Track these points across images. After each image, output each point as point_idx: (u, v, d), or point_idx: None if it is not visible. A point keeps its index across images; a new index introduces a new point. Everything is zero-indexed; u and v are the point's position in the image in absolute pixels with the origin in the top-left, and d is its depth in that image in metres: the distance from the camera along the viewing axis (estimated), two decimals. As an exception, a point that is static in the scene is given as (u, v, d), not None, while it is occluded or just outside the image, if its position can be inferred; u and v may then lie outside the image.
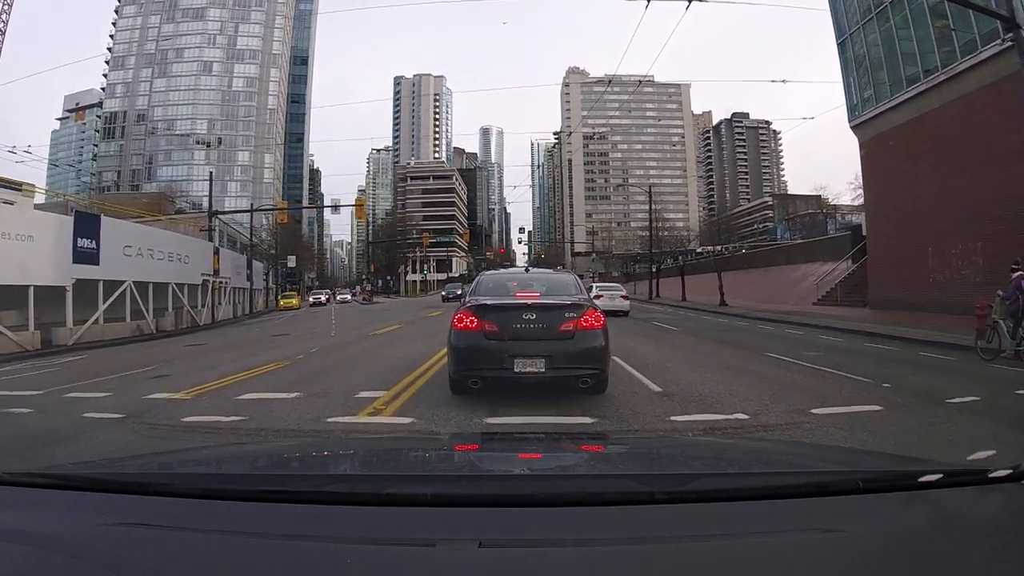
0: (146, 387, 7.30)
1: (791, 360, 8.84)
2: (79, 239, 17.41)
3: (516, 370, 5.19)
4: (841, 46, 21.16)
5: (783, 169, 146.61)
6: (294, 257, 50.84)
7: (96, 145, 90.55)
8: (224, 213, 32.69)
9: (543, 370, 5.18)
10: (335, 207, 44.61)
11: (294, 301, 43.04)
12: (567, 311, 5.47)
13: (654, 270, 38.82)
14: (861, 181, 64.85)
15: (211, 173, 29.43)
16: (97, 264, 17.96)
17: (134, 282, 19.49)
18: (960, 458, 3.41)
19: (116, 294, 18.79)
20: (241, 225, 40.88)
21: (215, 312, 26.48)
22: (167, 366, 9.76)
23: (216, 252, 26.70)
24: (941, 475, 1.21)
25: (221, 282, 27.75)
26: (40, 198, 43.16)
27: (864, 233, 20.22)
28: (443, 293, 41.41)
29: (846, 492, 1.16)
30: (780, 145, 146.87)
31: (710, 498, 1.17)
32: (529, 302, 5.57)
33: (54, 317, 16.76)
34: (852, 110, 20.89)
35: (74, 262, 16.98)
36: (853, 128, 20.79)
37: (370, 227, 74.94)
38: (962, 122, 16.12)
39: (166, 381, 7.82)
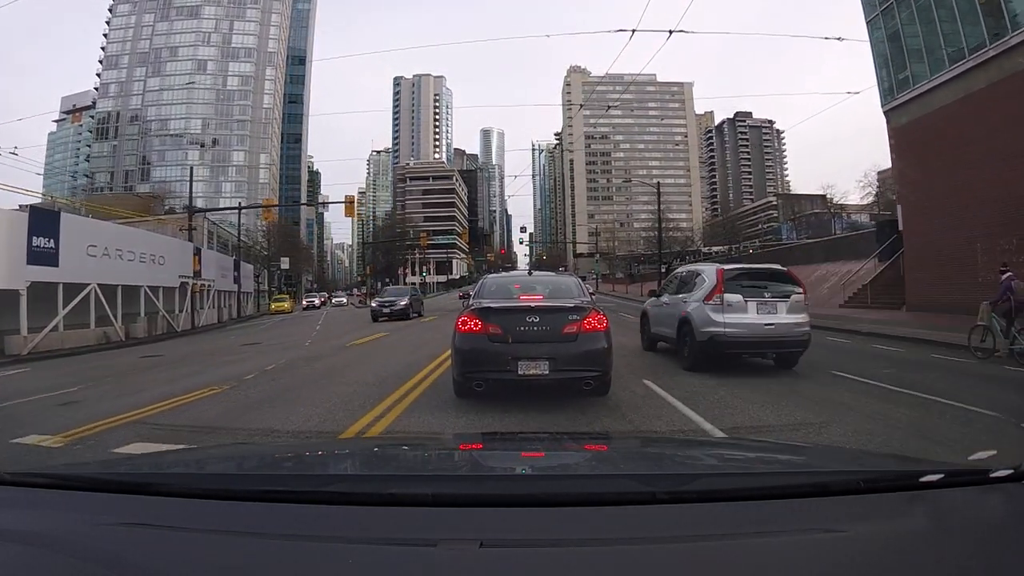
0: (34, 422, 5.62)
1: (869, 382, 6.97)
2: (35, 238, 15.75)
3: (520, 372, 5.18)
4: (871, 24, 19.33)
5: (787, 169, 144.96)
6: (287, 259, 49.05)
7: (89, 146, 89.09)
8: (203, 211, 30.94)
9: (547, 372, 5.18)
10: (324, 204, 42.99)
11: (286, 304, 41.45)
12: (570, 313, 5.46)
13: (663, 271, 36.81)
14: (872, 178, 63.71)
15: (191, 169, 27.75)
16: (56, 265, 16.31)
17: (100, 285, 17.79)
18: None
19: (79, 298, 17.12)
20: (230, 225, 39.19)
21: (195, 317, 24.72)
22: (92, 387, 7.97)
23: (196, 253, 24.99)
24: (942, 475, 1.19)
25: (203, 285, 26.03)
26: (33, 200, 41.81)
27: (900, 228, 18.43)
28: (372, 305, 25.19)
29: (847, 492, 1.15)
30: (783, 144, 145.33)
31: (711, 498, 1.16)
32: (532, 305, 5.57)
33: (10, 324, 15.18)
34: (885, 94, 19.07)
35: (29, 263, 15.34)
36: (886, 113, 18.97)
37: (371, 227, 73.38)
38: (1015, 102, 14.33)
39: (66, 412, 6.09)
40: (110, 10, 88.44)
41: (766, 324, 7.66)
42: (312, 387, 7.06)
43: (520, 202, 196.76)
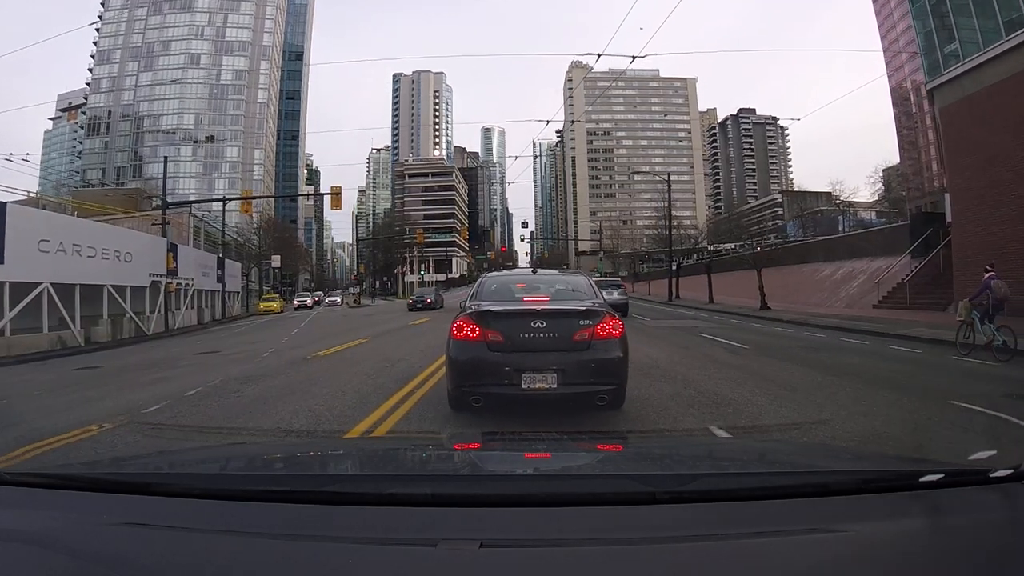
0: None
1: (1005, 416, 5.09)
2: (-26, 232, 14.01)
3: (524, 386, 4.55)
4: (913, -7, 17.39)
5: (791, 166, 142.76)
6: (278, 257, 46.92)
7: (80, 142, 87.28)
8: (177, 204, 29.03)
9: (555, 386, 4.56)
10: (307, 196, 41.11)
11: (275, 304, 39.53)
12: (582, 318, 4.84)
13: (674, 268, 34.72)
14: (879, 173, 61.79)
15: (165, 158, 25.83)
16: (1, 262, 14.52)
17: (53, 284, 15.92)
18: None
19: (28, 299, 15.28)
20: (210, 219, 37.27)
21: (169, 319, 22.78)
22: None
23: (171, 249, 23.06)
24: (942, 475, 1.19)
25: (179, 284, 24.11)
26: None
27: (949, 219, 16.44)
28: None
29: (846, 492, 1.15)
30: (788, 142, 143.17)
31: (711, 498, 1.16)
32: (538, 308, 4.99)
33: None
34: (931, 69, 17.10)
35: (-33, 260, 13.61)
36: (932, 91, 17.00)
37: (370, 226, 71.36)
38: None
39: None
40: (102, 4, 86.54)
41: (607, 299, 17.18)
42: (224, 433, 5.03)
43: (521, 201, 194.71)
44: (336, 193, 24.17)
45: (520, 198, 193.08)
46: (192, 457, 2.01)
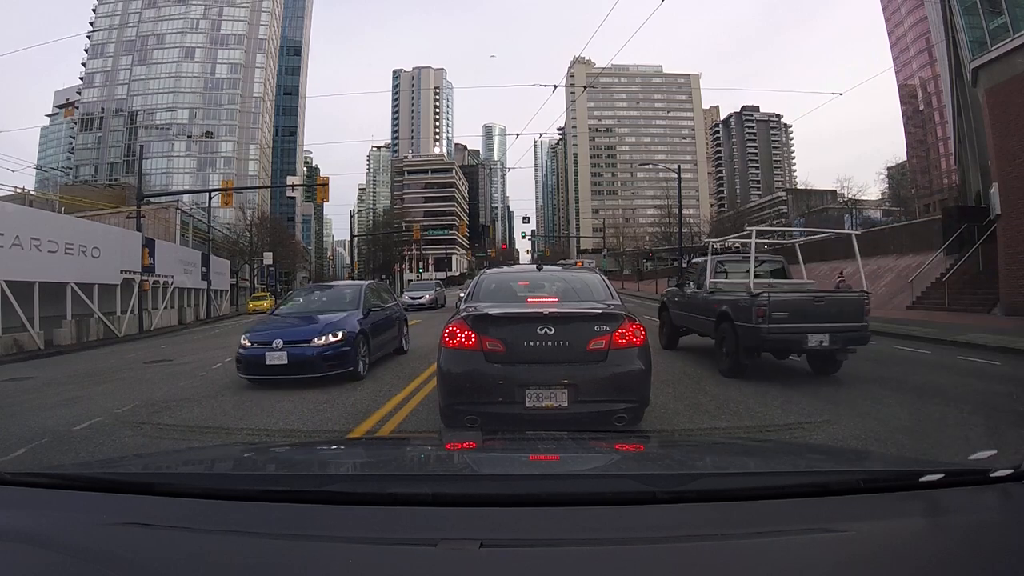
0: None
1: None
2: (-90, 224, 12.54)
3: (528, 405, 4.01)
4: (955, -39, 15.79)
5: (795, 164, 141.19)
6: (270, 254, 45.32)
7: (74, 138, 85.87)
8: (153, 195, 27.46)
9: (565, 404, 4.01)
10: (292, 186, 39.71)
11: (265, 303, 38.02)
12: (597, 323, 4.24)
13: (684, 266, 32.87)
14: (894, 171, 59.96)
15: (140, 147, 24.28)
16: (-55, 258, 13.10)
17: (8, 282, 14.45)
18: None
19: (-22, 299, 13.86)
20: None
21: (144, 319, 21.23)
22: None
23: (147, 244, 21.52)
24: (942, 475, 1.17)
25: (157, 281, 22.59)
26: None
27: (998, 211, 14.81)
28: None
29: (846, 492, 1.14)
30: (791, 139, 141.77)
31: (711, 498, 1.15)
32: (545, 311, 4.31)
33: None
34: (974, 45, 15.50)
35: (-97, 256, 12.15)
36: (976, 70, 15.38)
37: (369, 223, 69.79)
38: None
39: None
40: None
41: None
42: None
43: (522, 198, 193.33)
44: (323, 184, 22.69)
45: (521, 196, 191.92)
46: (192, 457, 1.98)
